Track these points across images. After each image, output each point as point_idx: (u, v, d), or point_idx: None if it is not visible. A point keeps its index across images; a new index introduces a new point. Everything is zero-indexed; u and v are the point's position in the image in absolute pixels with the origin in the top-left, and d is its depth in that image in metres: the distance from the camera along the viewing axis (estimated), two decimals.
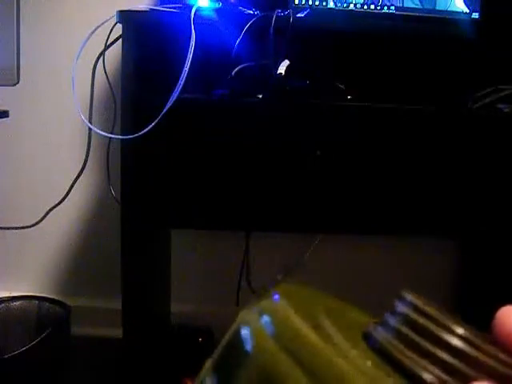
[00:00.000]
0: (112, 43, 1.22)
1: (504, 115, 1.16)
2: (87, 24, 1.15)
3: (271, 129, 1.16)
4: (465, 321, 0.21)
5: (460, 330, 0.21)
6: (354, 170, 1.21)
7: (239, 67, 1.11)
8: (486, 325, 0.23)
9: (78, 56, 1.14)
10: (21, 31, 1.17)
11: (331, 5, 1.16)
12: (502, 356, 0.20)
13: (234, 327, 0.23)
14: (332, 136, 1.20)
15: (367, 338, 0.23)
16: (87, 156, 1.33)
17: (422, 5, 1.19)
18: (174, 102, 1.04)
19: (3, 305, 1.43)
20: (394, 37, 1.17)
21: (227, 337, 0.23)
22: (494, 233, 1.33)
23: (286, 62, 1.11)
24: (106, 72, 1.29)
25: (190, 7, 1.06)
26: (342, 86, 1.18)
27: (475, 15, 1.19)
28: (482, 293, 1.54)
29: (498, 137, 1.19)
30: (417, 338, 0.21)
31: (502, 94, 1.17)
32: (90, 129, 1.28)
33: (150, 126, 1.05)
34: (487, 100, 1.17)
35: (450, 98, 1.20)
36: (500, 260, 1.47)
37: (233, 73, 1.11)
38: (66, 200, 1.43)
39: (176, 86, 1.03)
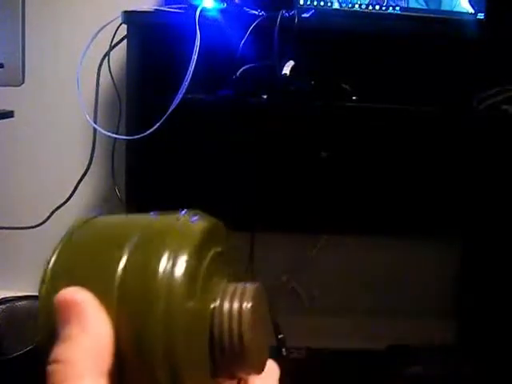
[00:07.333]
0: (117, 44, 1.23)
1: (509, 116, 1.16)
2: (92, 25, 1.15)
3: (276, 129, 1.16)
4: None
5: None
6: (359, 171, 1.21)
7: (244, 68, 1.11)
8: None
9: (83, 56, 1.14)
10: (26, 32, 1.17)
11: (336, 5, 1.16)
12: None
13: None
14: (337, 137, 1.20)
15: None
16: (92, 156, 1.33)
17: (427, 5, 1.18)
18: (179, 102, 1.04)
19: (8, 305, 1.43)
20: (399, 37, 1.16)
21: None
22: (497, 232, 1.33)
23: (291, 63, 1.11)
24: (110, 72, 1.29)
25: (195, 8, 1.06)
26: (346, 87, 1.17)
27: (480, 15, 1.19)
28: (483, 293, 1.53)
29: (502, 138, 1.19)
30: None
31: (508, 94, 1.16)
32: (95, 129, 1.28)
33: (155, 126, 1.05)
34: (492, 101, 1.17)
35: (456, 99, 1.19)
36: (500, 260, 1.47)
37: (238, 73, 1.11)
38: (70, 200, 1.43)
39: (181, 86, 1.04)
